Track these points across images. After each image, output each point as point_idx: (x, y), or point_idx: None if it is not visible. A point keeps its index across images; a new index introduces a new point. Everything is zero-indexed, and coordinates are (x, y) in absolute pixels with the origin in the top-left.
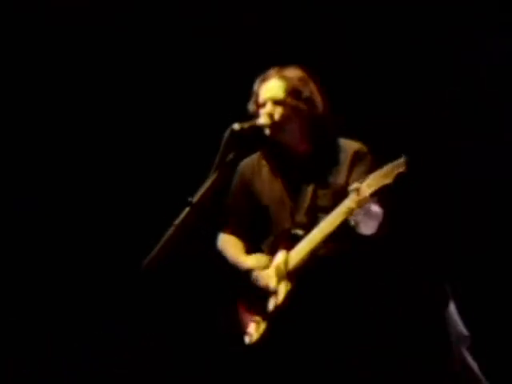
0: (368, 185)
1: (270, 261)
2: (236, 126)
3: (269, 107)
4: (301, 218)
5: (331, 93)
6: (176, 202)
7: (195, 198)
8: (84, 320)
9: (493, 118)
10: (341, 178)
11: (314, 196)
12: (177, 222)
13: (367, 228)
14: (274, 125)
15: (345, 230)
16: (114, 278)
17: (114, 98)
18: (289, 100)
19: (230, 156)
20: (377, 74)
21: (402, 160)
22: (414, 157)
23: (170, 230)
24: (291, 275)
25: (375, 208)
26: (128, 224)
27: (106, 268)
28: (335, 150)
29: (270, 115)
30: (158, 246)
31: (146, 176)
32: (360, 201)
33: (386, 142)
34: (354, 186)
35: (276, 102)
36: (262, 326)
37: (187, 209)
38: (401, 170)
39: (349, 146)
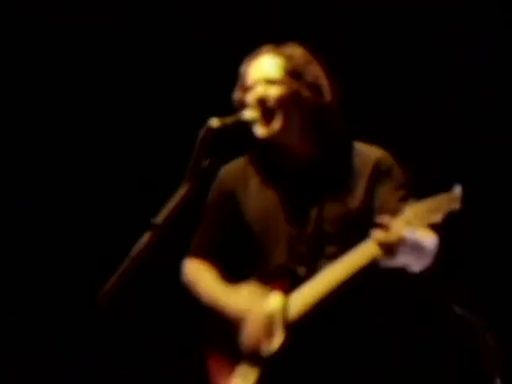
0: (406, 220)
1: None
2: (214, 123)
3: (259, 89)
4: (301, 248)
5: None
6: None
7: (159, 219)
8: (84, 320)
9: (493, 117)
10: (356, 197)
11: (320, 218)
12: (133, 252)
13: (414, 266)
14: (265, 114)
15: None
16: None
17: (113, 98)
18: (288, 81)
19: (206, 163)
20: (376, 74)
21: (457, 192)
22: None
23: (126, 263)
24: (290, 327)
25: (426, 239)
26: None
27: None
28: (348, 157)
29: (261, 101)
30: (112, 281)
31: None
32: (392, 243)
33: (385, 143)
34: (384, 218)
35: (270, 82)
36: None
37: (148, 233)
38: (455, 206)
39: (368, 152)
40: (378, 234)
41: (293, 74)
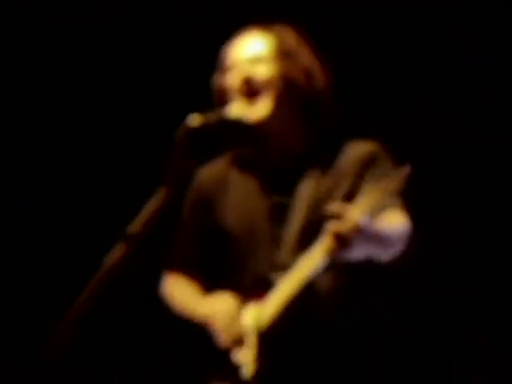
0: (361, 204)
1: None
2: (194, 121)
3: (245, 68)
4: (284, 257)
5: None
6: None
7: (132, 228)
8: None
9: (493, 117)
10: (341, 197)
11: (306, 224)
12: (105, 266)
13: (383, 254)
14: (251, 97)
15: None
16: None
17: (112, 98)
18: (278, 60)
19: (184, 165)
20: (376, 74)
21: (405, 169)
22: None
23: (97, 277)
24: (264, 338)
25: (389, 228)
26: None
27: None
28: (337, 153)
29: (247, 82)
30: (82, 297)
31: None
32: (345, 232)
33: (384, 143)
34: (333, 207)
35: (258, 60)
36: None
37: (120, 244)
38: (403, 183)
39: (359, 148)
40: (330, 225)
41: (284, 53)
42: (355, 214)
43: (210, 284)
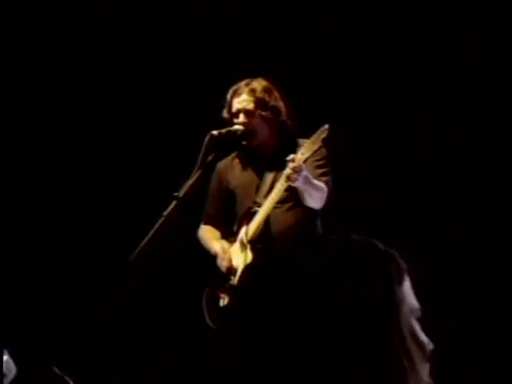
0: (301, 153)
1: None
2: (215, 132)
3: (242, 118)
4: (261, 199)
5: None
6: (160, 198)
7: (181, 193)
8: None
9: (493, 117)
10: None
11: (274, 181)
12: (165, 213)
13: (313, 201)
14: (247, 131)
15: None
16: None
17: (112, 99)
18: (258, 112)
19: (210, 158)
20: (375, 73)
21: (325, 127)
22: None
23: (159, 222)
24: (252, 244)
25: (317, 182)
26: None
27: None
28: (294, 147)
29: (244, 124)
30: (147, 238)
31: (138, 174)
32: (295, 167)
33: (385, 141)
34: (291, 156)
35: (247, 113)
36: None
37: (174, 202)
38: (324, 135)
39: (305, 143)
40: (289, 164)
41: (260, 104)
42: (300, 157)
43: (225, 229)
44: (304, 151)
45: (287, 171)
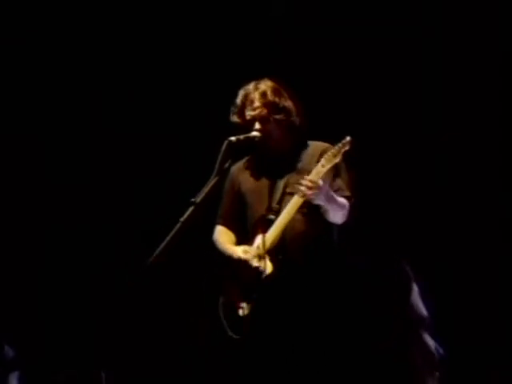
0: (322, 165)
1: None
2: (233, 139)
3: (258, 125)
4: (274, 205)
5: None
6: (176, 204)
7: (198, 199)
8: (88, 318)
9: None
10: (310, 170)
11: (286, 186)
12: (182, 219)
13: (337, 218)
14: (264, 137)
15: (316, 215)
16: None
17: (117, 101)
18: (272, 117)
19: (227, 164)
20: (375, 74)
21: (347, 139)
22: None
23: (177, 227)
24: (271, 255)
25: (340, 199)
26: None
27: (112, 268)
28: (306, 150)
29: (260, 130)
30: (166, 241)
31: (151, 179)
32: (313, 181)
33: (385, 140)
34: (303, 179)
35: (262, 120)
36: (246, 309)
37: (191, 208)
38: (346, 148)
39: (317, 146)
40: (302, 183)
41: (272, 108)
42: (320, 169)
43: (239, 230)
44: (325, 163)
45: (304, 183)
